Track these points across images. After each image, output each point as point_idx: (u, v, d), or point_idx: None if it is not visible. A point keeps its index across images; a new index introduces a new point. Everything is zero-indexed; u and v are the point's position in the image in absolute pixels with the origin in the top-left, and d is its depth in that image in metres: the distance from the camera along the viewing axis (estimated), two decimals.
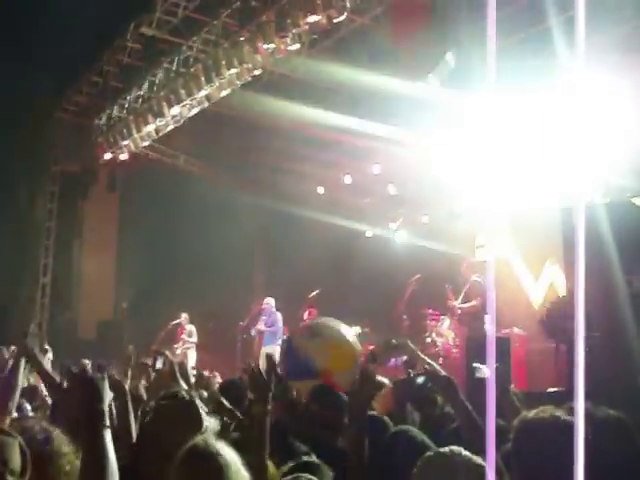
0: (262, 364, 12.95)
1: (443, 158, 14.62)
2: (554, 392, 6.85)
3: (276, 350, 14.10)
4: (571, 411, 3.11)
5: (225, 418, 4.38)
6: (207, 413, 3.63)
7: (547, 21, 10.99)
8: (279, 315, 14.38)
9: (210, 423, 3.59)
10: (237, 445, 2.77)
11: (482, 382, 1.66)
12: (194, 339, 15.13)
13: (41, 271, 17.24)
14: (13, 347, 7.11)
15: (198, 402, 3.51)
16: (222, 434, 3.63)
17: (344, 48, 13.82)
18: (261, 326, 14.36)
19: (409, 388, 4.59)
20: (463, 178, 14.28)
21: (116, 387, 3.67)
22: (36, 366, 4.41)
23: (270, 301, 14.58)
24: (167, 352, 5.75)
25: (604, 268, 6.50)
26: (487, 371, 1.57)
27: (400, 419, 4.55)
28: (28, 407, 5.78)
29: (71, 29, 14.40)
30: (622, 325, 6.51)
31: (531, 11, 11.58)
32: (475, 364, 3.58)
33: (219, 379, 8.42)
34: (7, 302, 16.57)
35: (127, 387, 4.15)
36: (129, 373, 4.97)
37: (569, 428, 1.38)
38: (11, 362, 4.43)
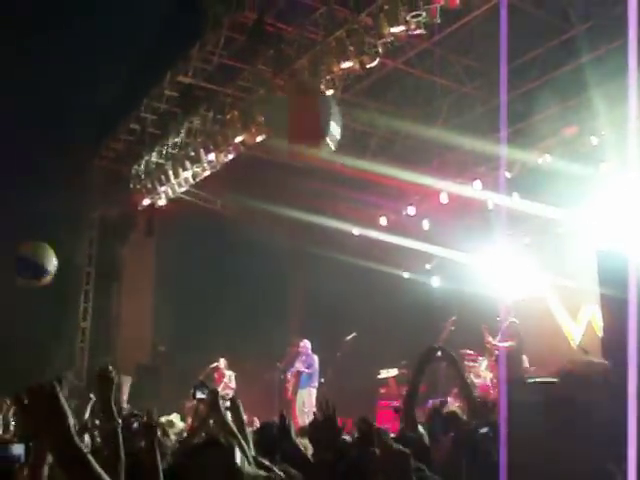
0: (299, 406, 12.87)
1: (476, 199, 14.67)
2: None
3: (312, 393, 14.08)
4: None
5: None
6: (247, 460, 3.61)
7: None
8: (316, 357, 14.36)
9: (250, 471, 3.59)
10: None
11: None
12: (233, 385, 15.15)
13: (81, 316, 17.45)
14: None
15: (237, 451, 3.50)
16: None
17: (376, 91, 14.01)
18: (300, 366, 14.32)
19: (469, 439, 4.49)
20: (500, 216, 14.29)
21: (147, 428, 3.67)
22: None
23: (307, 343, 14.57)
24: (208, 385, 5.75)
25: None
26: None
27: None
28: None
29: (108, 77, 14.76)
30: None
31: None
32: None
33: (257, 423, 8.43)
34: (48, 347, 16.77)
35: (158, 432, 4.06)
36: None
37: None
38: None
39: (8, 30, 13.69)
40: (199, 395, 5.11)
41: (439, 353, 5.80)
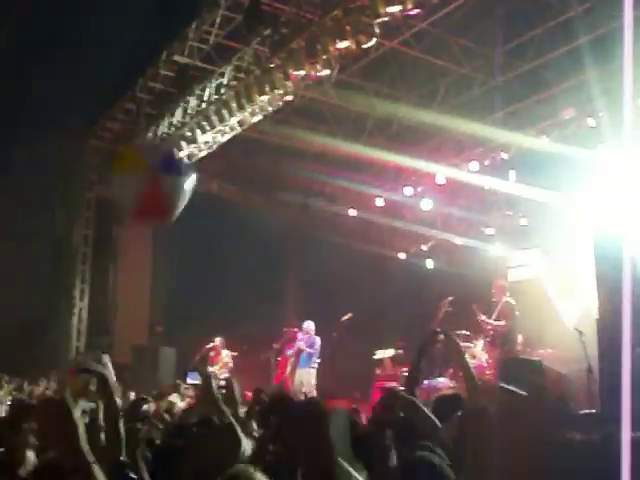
0: (296, 386, 12.89)
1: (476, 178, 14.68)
2: (586, 414, 6.80)
3: (311, 373, 14.10)
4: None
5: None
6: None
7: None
8: (318, 339, 14.35)
9: (246, 447, 3.62)
10: (274, 472, 2.79)
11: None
12: (231, 364, 15.17)
13: (78, 296, 17.45)
14: None
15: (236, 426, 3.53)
16: (256, 458, 3.66)
17: (373, 72, 13.97)
18: (302, 345, 14.29)
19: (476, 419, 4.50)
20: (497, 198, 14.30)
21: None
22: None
23: (310, 324, 14.48)
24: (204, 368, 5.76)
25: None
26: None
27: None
28: None
29: (104, 57, 14.69)
30: None
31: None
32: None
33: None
34: (44, 327, 16.81)
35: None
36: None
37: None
38: None
39: (2, 9, 13.60)
40: (190, 380, 5.12)
41: (441, 336, 5.82)
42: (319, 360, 14.29)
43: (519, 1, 11.58)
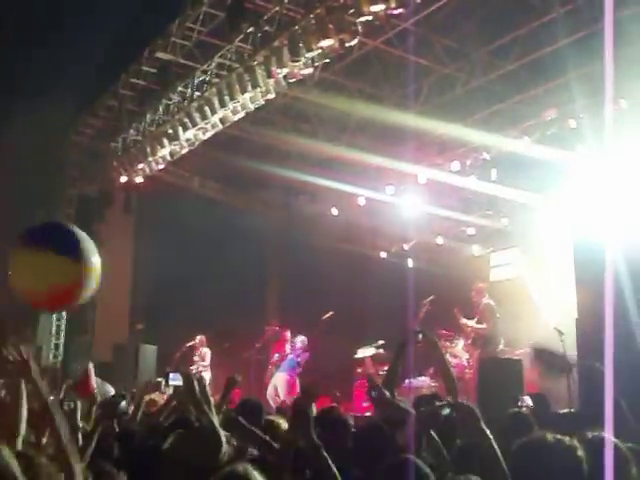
0: (271, 390, 12.86)
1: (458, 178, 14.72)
2: (565, 414, 6.85)
3: (285, 379, 14.12)
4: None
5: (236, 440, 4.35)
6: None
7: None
8: (307, 355, 14.41)
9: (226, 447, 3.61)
10: (265, 469, 2.79)
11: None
12: (207, 362, 15.14)
13: None
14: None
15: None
16: (239, 456, 3.65)
17: (355, 71, 13.97)
18: (292, 355, 14.35)
19: (434, 419, 4.56)
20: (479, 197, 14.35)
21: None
22: None
23: (303, 339, 14.51)
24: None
25: (618, 290, 6.52)
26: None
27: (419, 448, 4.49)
28: None
29: (86, 53, 14.59)
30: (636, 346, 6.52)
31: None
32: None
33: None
34: (24, 325, 16.68)
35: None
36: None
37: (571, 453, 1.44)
38: None
39: None
40: (172, 382, 5.07)
41: (420, 336, 5.87)
42: (299, 370, 14.32)
43: (502, 2, 11.61)
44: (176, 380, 5.03)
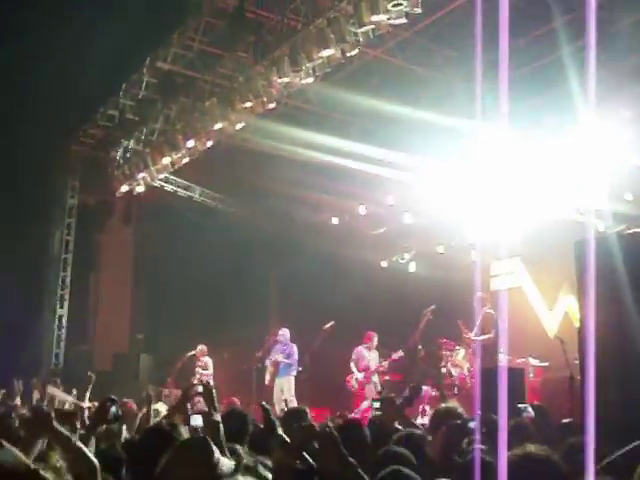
0: (276, 394, 12.82)
1: (457, 188, 14.69)
2: (567, 423, 6.80)
3: (291, 380, 14.07)
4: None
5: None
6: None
7: (558, 51, 11.17)
8: (295, 347, 14.35)
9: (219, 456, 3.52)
10: None
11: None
12: (210, 371, 15.08)
13: (58, 303, 17.35)
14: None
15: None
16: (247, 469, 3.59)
17: (356, 80, 13.96)
18: (278, 357, 14.30)
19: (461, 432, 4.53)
20: (478, 208, 14.31)
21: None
22: None
23: (285, 332, 14.54)
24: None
25: (616, 296, 6.49)
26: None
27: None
28: None
29: (87, 63, 14.60)
30: (635, 352, 6.49)
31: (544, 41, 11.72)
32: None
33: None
34: (24, 334, 16.65)
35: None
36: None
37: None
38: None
39: None
40: (193, 422, 4.95)
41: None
42: (300, 368, 14.27)
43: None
44: (197, 421, 4.88)
